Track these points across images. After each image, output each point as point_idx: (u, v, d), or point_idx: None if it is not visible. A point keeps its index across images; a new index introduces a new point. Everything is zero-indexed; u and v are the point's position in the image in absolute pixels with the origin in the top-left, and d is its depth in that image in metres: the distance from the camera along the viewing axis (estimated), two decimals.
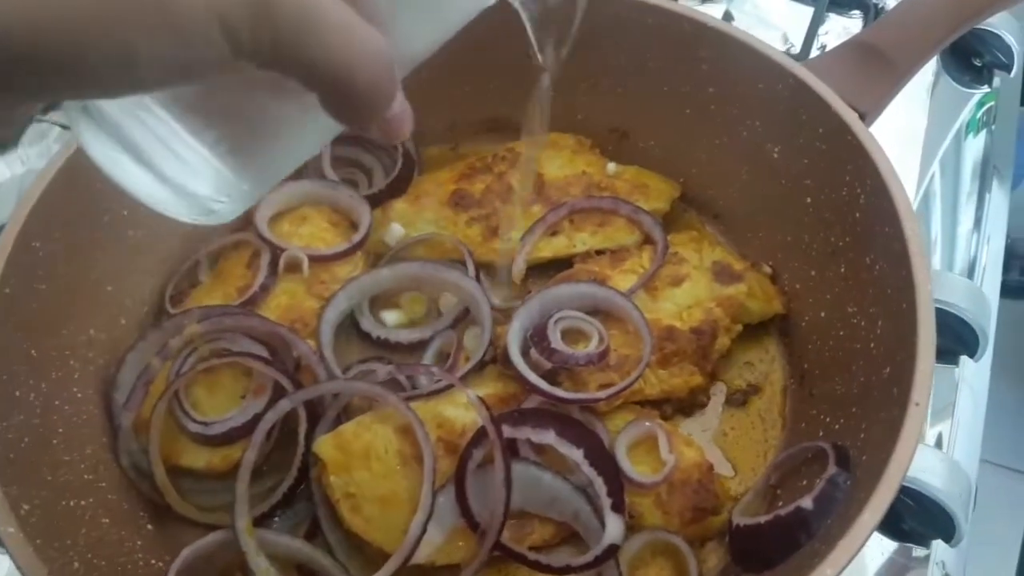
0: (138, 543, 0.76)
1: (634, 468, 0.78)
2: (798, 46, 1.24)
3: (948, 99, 1.26)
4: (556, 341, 0.81)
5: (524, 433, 0.76)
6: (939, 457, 0.88)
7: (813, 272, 0.89)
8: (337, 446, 0.77)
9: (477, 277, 0.93)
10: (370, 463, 0.76)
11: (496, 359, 0.86)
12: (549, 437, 0.76)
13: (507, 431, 0.75)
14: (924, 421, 0.65)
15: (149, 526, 0.79)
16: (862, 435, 0.73)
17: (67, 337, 0.80)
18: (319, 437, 0.78)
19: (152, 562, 0.76)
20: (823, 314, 0.87)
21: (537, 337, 0.82)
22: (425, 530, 0.72)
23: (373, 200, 0.98)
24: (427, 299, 0.95)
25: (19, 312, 0.74)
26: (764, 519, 0.73)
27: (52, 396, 0.76)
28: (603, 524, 0.73)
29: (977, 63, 1.27)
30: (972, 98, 1.26)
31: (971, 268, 1.11)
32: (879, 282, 0.78)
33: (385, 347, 0.91)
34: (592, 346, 0.82)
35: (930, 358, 0.67)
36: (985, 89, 1.26)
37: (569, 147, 1.02)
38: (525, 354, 0.82)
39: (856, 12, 1.33)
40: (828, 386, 0.83)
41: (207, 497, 0.81)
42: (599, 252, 0.94)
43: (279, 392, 0.81)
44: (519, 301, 0.88)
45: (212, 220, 0.47)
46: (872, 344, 0.77)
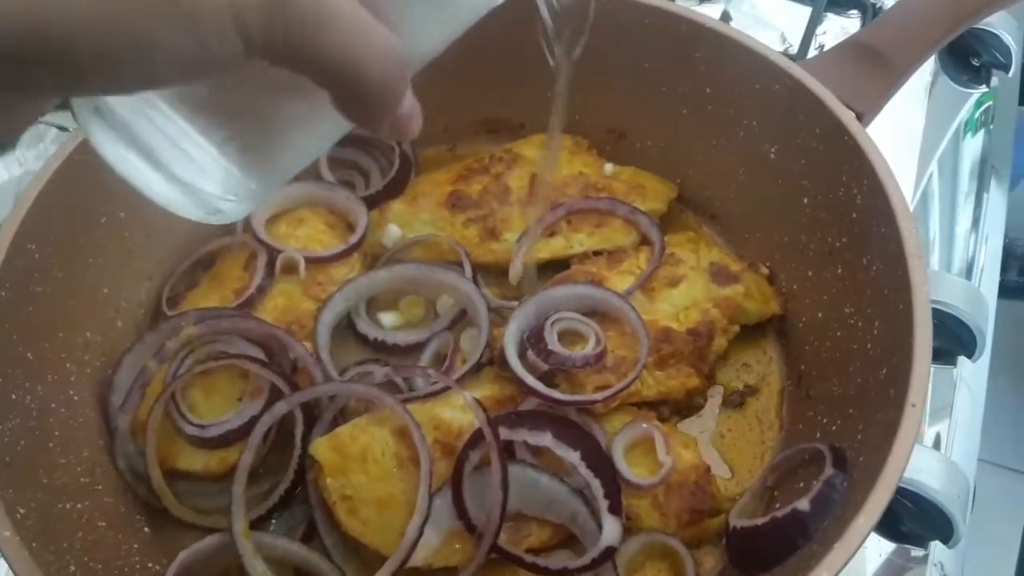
0: (135, 546, 0.76)
1: (631, 470, 0.78)
2: (796, 46, 1.24)
3: (946, 99, 1.26)
4: (553, 343, 0.81)
5: (521, 435, 0.76)
6: (937, 458, 0.87)
7: (810, 273, 0.89)
8: (334, 448, 0.77)
9: (474, 279, 0.92)
10: (367, 465, 0.76)
11: (493, 361, 0.85)
12: (546, 439, 0.76)
13: (504, 433, 0.75)
14: (921, 422, 0.65)
15: (146, 529, 0.79)
16: (859, 436, 0.72)
17: (63, 340, 0.80)
18: (316, 439, 0.78)
19: (149, 565, 0.76)
20: (820, 315, 0.87)
21: (534, 339, 0.82)
22: (422, 533, 0.72)
23: (370, 201, 0.97)
24: (424, 301, 0.95)
25: (15, 315, 0.74)
26: (761, 521, 0.73)
27: (48, 399, 0.76)
28: (600, 526, 0.73)
29: (975, 63, 1.27)
30: (970, 98, 1.26)
31: (969, 268, 1.11)
32: (876, 283, 0.77)
33: (382, 349, 0.91)
34: (589, 348, 0.82)
35: (926, 359, 0.67)
36: (983, 89, 1.26)
37: (566, 148, 1.02)
38: (522, 356, 0.82)
39: (854, 12, 1.33)
40: (825, 387, 0.83)
41: (204, 500, 0.81)
42: (596, 253, 0.94)
43: (276, 394, 0.81)
44: (516, 302, 0.88)
45: (220, 219, 0.47)
46: (869, 345, 0.77)
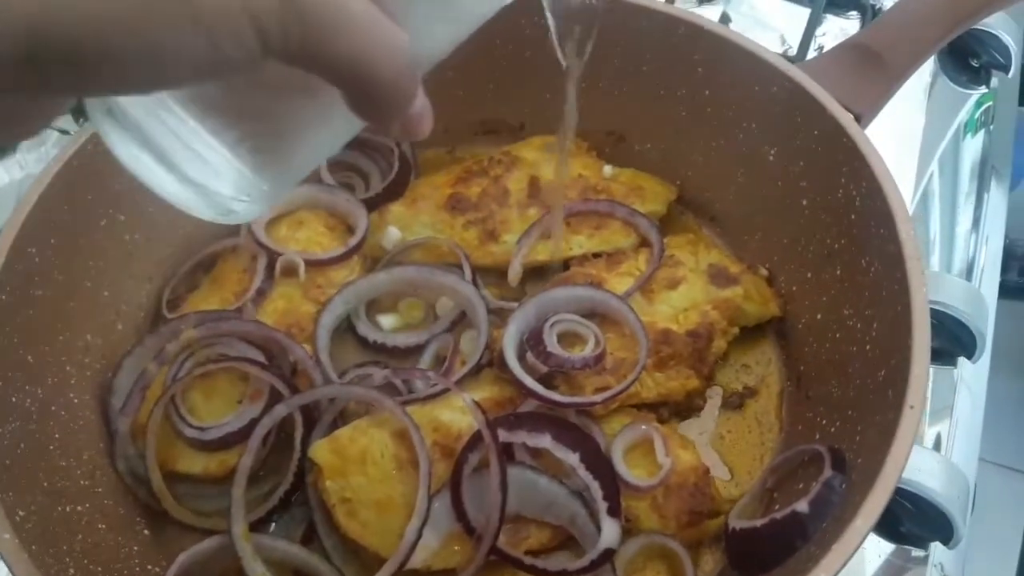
0: (135, 548, 0.76)
1: (630, 472, 0.78)
2: (795, 47, 1.24)
3: (946, 99, 1.26)
4: (552, 344, 0.81)
5: (520, 437, 0.76)
6: (936, 459, 0.87)
7: (809, 274, 0.89)
8: (333, 451, 0.77)
9: (474, 280, 0.93)
10: (366, 468, 0.76)
11: (492, 362, 0.85)
12: (545, 441, 0.76)
13: (503, 435, 0.75)
14: (920, 423, 0.65)
15: (146, 531, 0.79)
16: (858, 438, 0.72)
17: (63, 343, 0.80)
18: (315, 442, 0.78)
19: (149, 567, 0.76)
20: (819, 316, 0.87)
21: (533, 340, 0.82)
22: (421, 535, 0.72)
23: (370, 204, 0.97)
24: (424, 303, 0.95)
25: (15, 318, 0.74)
26: (760, 522, 0.73)
27: (48, 402, 0.76)
28: (599, 528, 0.73)
29: (975, 64, 1.27)
30: (970, 98, 1.26)
31: (969, 269, 1.11)
32: (875, 285, 0.77)
33: (381, 351, 0.91)
34: (588, 349, 0.82)
35: (925, 361, 0.67)
36: (983, 89, 1.26)
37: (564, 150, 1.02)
38: (521, 358, 0.82)
39: (854, 13, 1.33)
40: (824, 389, 0.83)
41: (203, 502, 0.81)
42: (595, 255, 0.94)
43: (275, 397, 0.81)
44: (515, 304, 0.89)
45: (232, 220, 0.47)
46: (868, 346, 0.77)
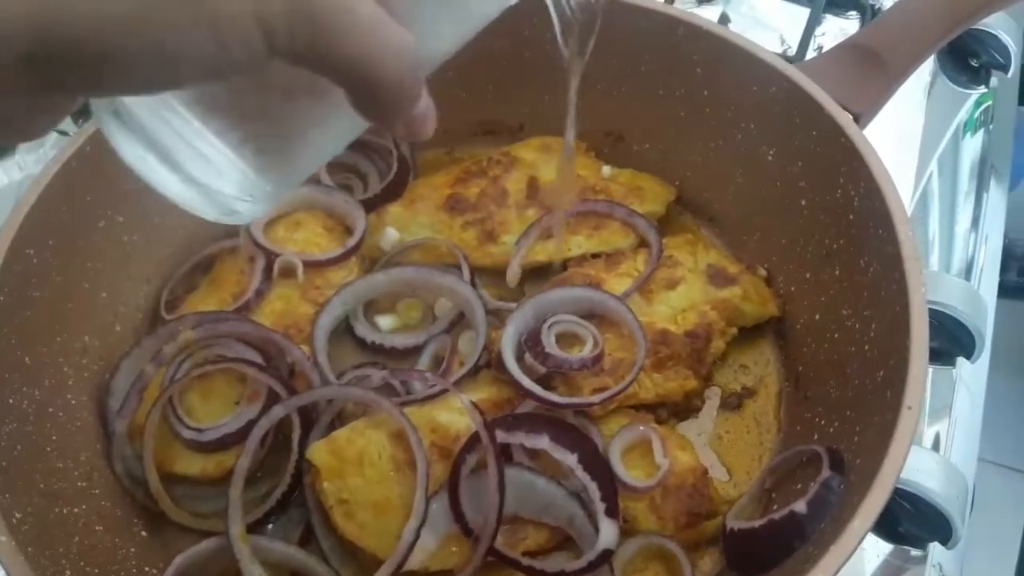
0: (132, 550, 0.76)
1: (628, 472, 0.78)
2: (795, 48, 1.23)
3: (945, 99, 1.26)
4: (550, 345, 0.81)
5: (518, 438, 0.76)
6: (935, 459, 0.87)
7: (808, 275, 0.89)
8: (331, 452, 0.77)
9: (472, 281, 0.92)
10: (364, 469, 0.76)
11: (490, 363, 0.85)
12: (543, 442, 0.76)
13: (501, 436, 0.75)
14: (917, 425, 0.65)
15: (143, 533, 0.79)
16: (856, 438, 0.72)
17: (61, 344, 0.80)
18: (313, 443, 0.78)
19: (146, 569, 0.76)
20: (818, 317, 0.87)
21: (531, 341, 0.82)
22: (418, 536, 0.72)
23: (368, 205, 0.97)
24: (422, 304, 0.95)
25: (13, 319, 0.74)
26: (758, 523, 0.73)
27: (46, 403, 0.76)
28: (597, 529, 0.73)
29: (974, 63, 1.27)
30: (969, 98, 1.26)
31: (968, 268, 1.11)
32: (873, 285, 0.77)
33: (380, 352, 0.91)
34: (586, 350, 0.82)
35: (923, 362, 0.67)
36: (982, 89, 1.26)
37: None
38: (519, 358, 0.82)
39: (853, 13, 1.32)
40: (823, 389, 0.83)
41: (201, 504, 0.81)
42: (594, 255, 0.94)
43: (273, 398, 0.81)
44: (514, 304, 0.88)
45: (236, 220, 0.48)
46: (866, 347, 0.77)
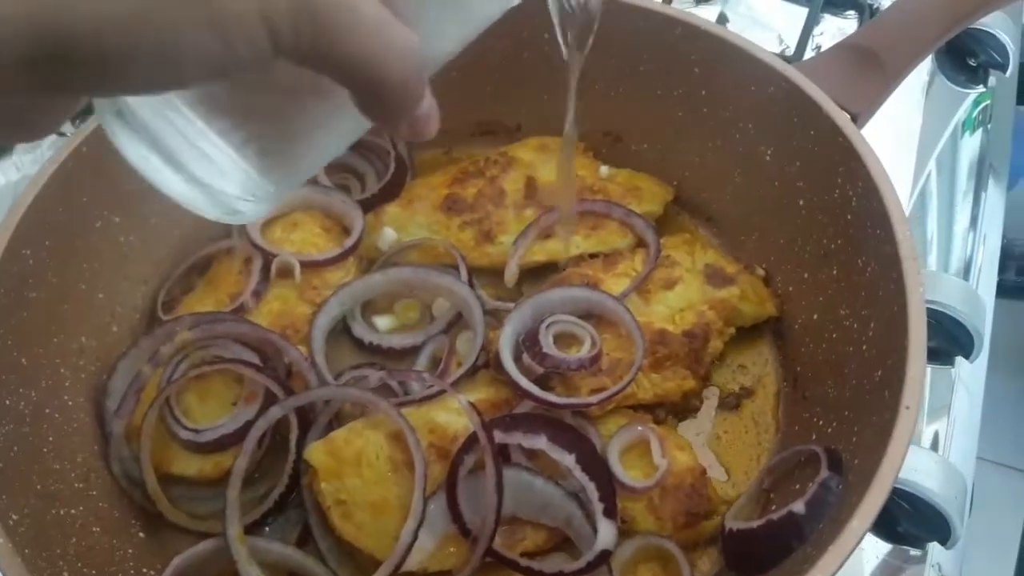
0: (129, 551, 0.76)
1: (626, 473, 0.78)
2: (793, 47, 1.23)
3: (944, 99, 1.25)
4: (548, 345, 0.81)
5: (516, 438, 0.76)
6: (934, 459, 0.87)
7: (806, 274, 0.89)
8: (328, 453, 0.77)
9: (470, 282, 0.92)
10: (361, 470, 0.76)
11: (488, 364, 0.85)
12: (541, 442, 0.76)
13: (499, 436, 0.75)
14: (915, 425, 0.65)
15: (141, 534, 0.79)
16: (854, 438, 0.72)
17: (58, 345, 0.80)
18: (310, 444, 0.78)
19: (144, 571, 0.76)
20: (816, 317, 0.86)
21: (529, 342, 0.82)
22: (416, 537, 0.72)
23: (365, 205, 0.97)
24: (420, 304, 0.94)
25: (9, 320, 0.74)
26: (757, 523, 0.73)
27: (42, 404, 0.76)
28: (595, 530, 0.73)
29: (972, 63, 1.27)
30: (968, 98, 1.26)
31: (967, 268, 1.10)
32: (871, 285, 0.77)
33: (377, 353, 0.91)
34: (584, 350, 0.82)
35: (921, 362, 0.66)
36: (981, 89, 1.26)
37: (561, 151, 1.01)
38: (517, 359, 0.82)
39: (851, 13, 1.32)
40: (821, 389, 0.83)
41: (199, 505, 0.81)
42: (592, 255, 0.94)
43: (270, 399, 0.80)
44: (511, 304, 0.88)
45: (239, 219, 0.48)
46: (864, 347, 0.76)
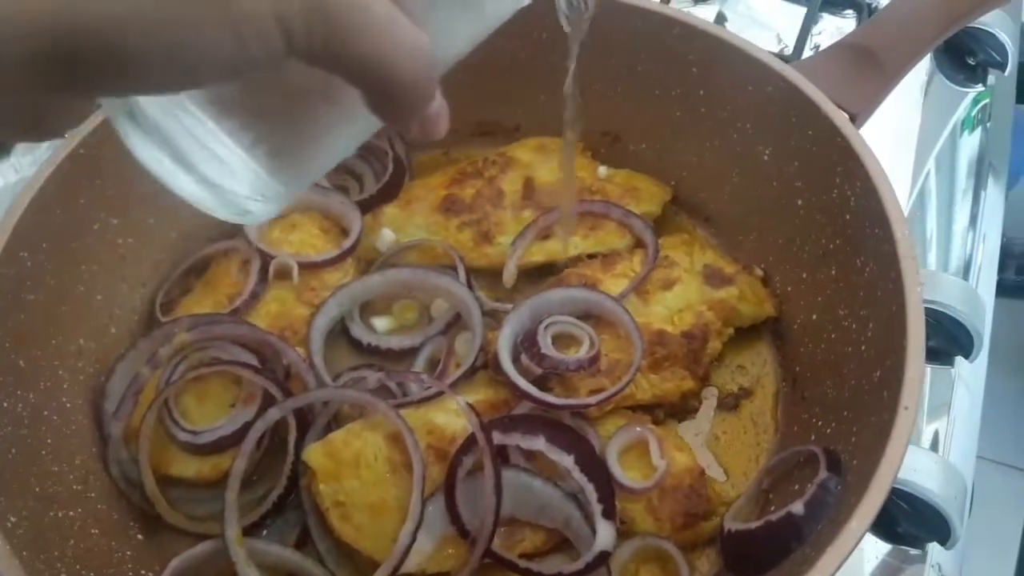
0: (128, 553, 0.76)
1: (625, 474, 0.78)
2: (792, 47, 1.23)
3: (942, 97, 1.25)
4: (547, 346, 0.81)
5: (514, 439, 0.76)
6: (933, 459, 0.87)
7: (804, 274, 0.89)
8: (327, 454, 0.77)
9: (468, 282, 0.92)
10: (360, 471, 0.76)
11: (487, 365, 0.85)
12: (539, 443, 0.75)
13: (497, 437, 0.75)
14: (914, 425, 0.65)
15: (139, 536, 0.79)
16: (853, 439, 0.72)
17: (56, 347, 0.80)
18: (309, 445, 0.78)
19: (142, 573, 0.76)
20: (814, 317, 0.86)
21: (528, 342, 0.82)
22: (415, 538, 0.72)
23: (364, 206, 0.97)
24: (418, 305, 0.94)
25: (7, 323, 0.74)
26: (755, 525, 0.73)
27: (40, 407, 0.76)
28: (594, 531, 0.73)
29: (971, 62, 1.26)
30: (967, 96, 1.25)
31: (966, 267, 1.10)
32: (870, 285, 0.77)
33: (376, 354, 0.91)
34: (583, 351, 0.82)
35: (919, 362, 0.66)
36: (980, 87, 1.26)
37: (560, 151, 1.01)
38: (516, 360, 0.82)
39: (850, 12, 1.32)
40: (820, 389, 0.83)
41: (197, 506, 0.80)
42: (590, 256, 0.94)
43: (269, 400, 0.80)
44: (510, 305, 0.88)
45: (248, 220, 0.48)
46: (863, 347, 0.76)
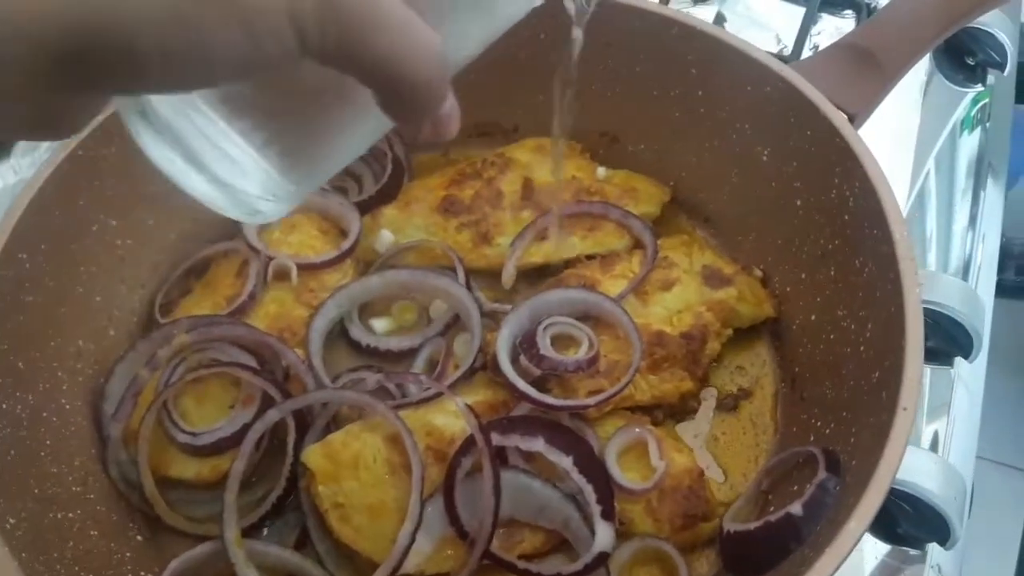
0: (127, 555, 0.76)
1: (624, 475, 0.78)
2: (791, 47, 1.23)
3: (942, 97, 1.25)
4: (546, 347, 0.81)
5: (513, 441, 0.76)
6: (933, 460, 0.87)
7: (804, 275, 0.89)
8: (326, 455, 0.77)
9: (467, 283, 0.92)
10: (359, 472, 0.76)
11: (486, 366, 0.85)
12: (538, 444, 0.75)
13: (496, 439, 0.75)
14: (913, 425, 0.65)
15: (139, 537, 0.79)
16: (852, 440, 0.72)
17: (55, 349, 0.80)
18: (307, 447, 0.78)
19: (141, 574, 0.76)
20: (814, 317, 0.86)
21: (526, 343, 0.82)
22: (414, 539, 0.72)
23: (363, 207, 0.97)
24: (417, 306, 0.94)
25: (6, 324, 0.74)
26: (754, 525, 0.73)
27: (40, 408, 0.76)
28: (593, 532, 0.73)
29: (970, 62, 1.26)
30: (966, 96, 1.25)
31: (966, 267, 1.10)
32: (868, 285, 0.77)
33: (375, 355, 0.91)
34: (582, 352, 0.81)
35: (918, 363, 0.66)
36: (979, 87, 1.26)
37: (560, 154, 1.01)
38: (515, 361, 0.82)
39: (849, 12, 1.32)
40: (819, 390, 0.83)
41: (196, 508, 0.80)
42: (589, 257, 0.94)
43: (268, 402, 0.80)
44: (509, 306, 0.88)
45: (259, 219, 0.48)
46: (862, 348, 0.76)
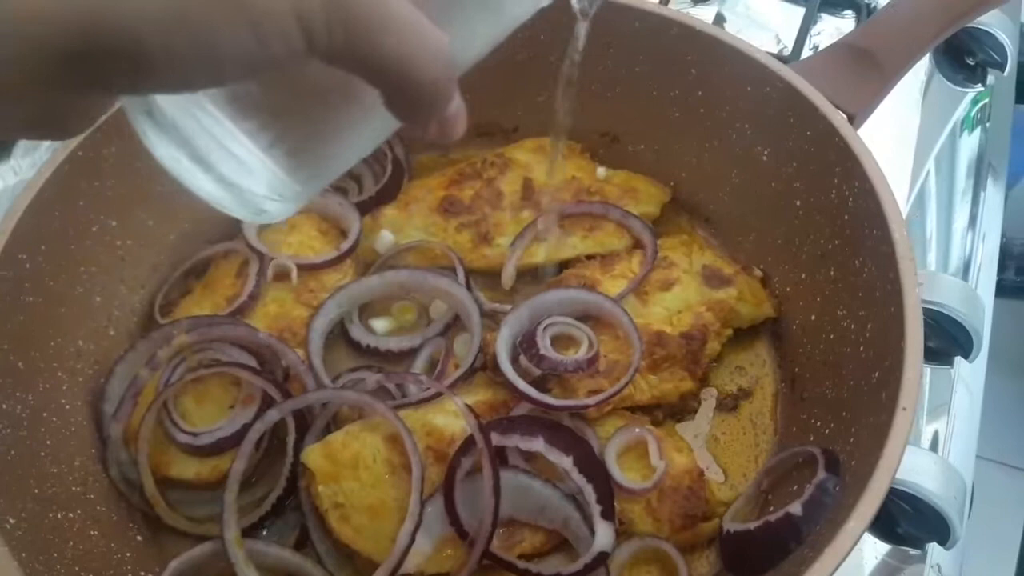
0: (127, 555, 0.76)
1: (624, 475, 0.78)
2: (791, 47, 1.23)
3: (942, 97, 1.25)
4: (545, 347, 0.81)
5: (513, 441, 0.76)
6: (933, 459, 0.87)
7: (803, 275, 0.89)
8: (325, 456, 0.77)
9: (467, 283, 0.92)
10: (358, 472, 0.76)
11: (486, 366, 0.85)
12: (538, 444, 0.75)
13: (496, 439, 0.75)
14: (912, 425, 0.65)
15: (139, 537, 0.79)
16: (852, 439, 0.72)
17: (55, 349, 0.80)
18: (307, 447, 0.78)
19: (141, 574, 0.76)
20: (813, 317, 0.86)
21: (526, 343, 0.82)
22: (414, 539, 0.72)
23: (363, 207, 0.97)
24: (417, 306, 0.94)
25: (6, 325, 0.74)
26: (754, 525, 0.73)
27: (40, 408, 0.76)
28: (593, 531, 0.73)
29: (970, 62, 1.26)
30: (966, 96, 1.25)
31: (966, 267, 1.10)
32: (868, 285, 0.77)
33: (375, 355, 0.91)
34: (582, 352, 0.82)
35: (917, 363, 0.66)
36: (979, 87, 1.26)
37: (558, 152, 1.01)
38: (515, 361, 0.82)
39: (848, 12, 1.32)
40: (819, 390, 0.83)
41: (196, 508, 0.81)
42: (589, 257, 0.94)
43: (268, 402, 0.80)
44: (509, 306, 0.88)
45: (264, 219, 0.48)
46: (861, 348, 0.76)
